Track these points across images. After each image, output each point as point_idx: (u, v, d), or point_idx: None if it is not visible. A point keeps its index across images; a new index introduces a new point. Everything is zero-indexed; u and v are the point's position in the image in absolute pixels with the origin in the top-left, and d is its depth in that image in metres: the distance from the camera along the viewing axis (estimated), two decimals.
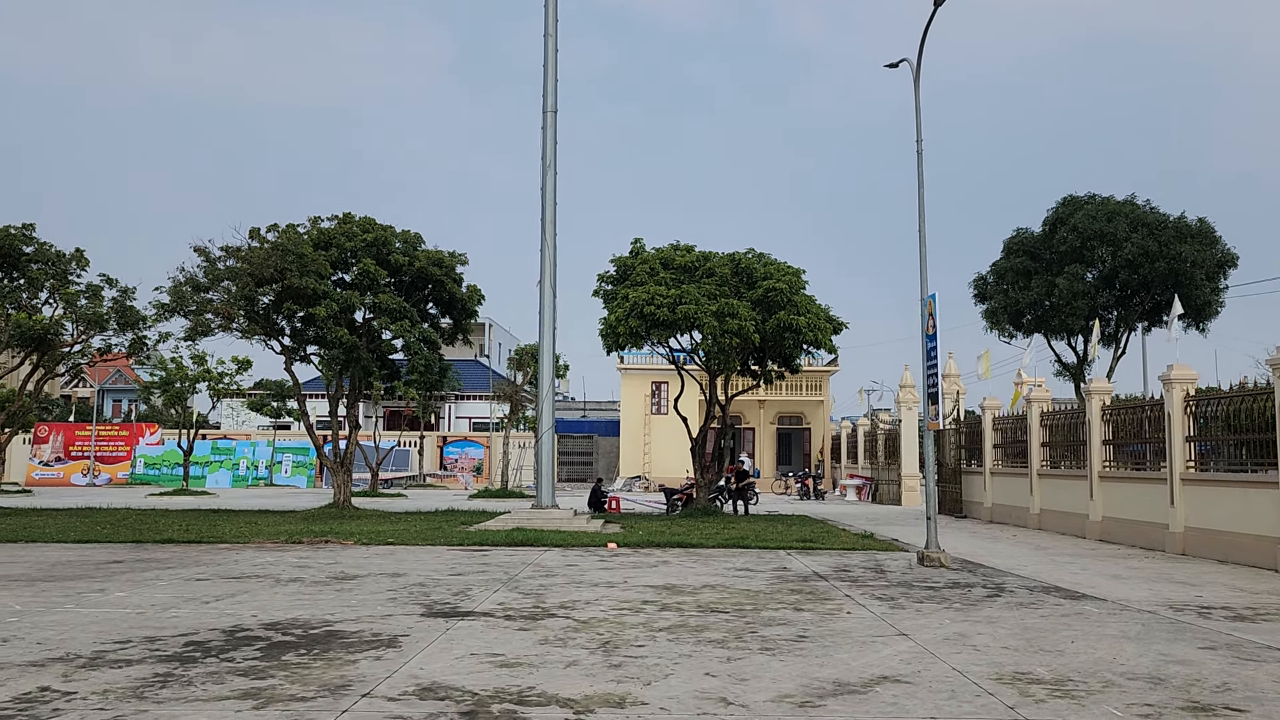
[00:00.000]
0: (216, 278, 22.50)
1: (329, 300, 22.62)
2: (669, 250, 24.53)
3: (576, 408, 62.64)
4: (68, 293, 23.99)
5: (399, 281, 24.81)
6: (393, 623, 8.87)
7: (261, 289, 22.55)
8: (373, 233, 24.32)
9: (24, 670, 6.83)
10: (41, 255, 23.95)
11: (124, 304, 24.39)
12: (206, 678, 6.65)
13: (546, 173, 21.57)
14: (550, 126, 21.69)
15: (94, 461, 45.10)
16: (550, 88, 21.82)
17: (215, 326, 22.97)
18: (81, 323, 24.31)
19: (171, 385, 37.56)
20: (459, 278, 25.79)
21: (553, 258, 21.36)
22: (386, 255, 24.24)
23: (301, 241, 23.25)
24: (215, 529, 18.47)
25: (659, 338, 23.94)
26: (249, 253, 22.51)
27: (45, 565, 13.13)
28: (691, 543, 16.66)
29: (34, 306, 24.08)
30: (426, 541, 16.63)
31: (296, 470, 44.78)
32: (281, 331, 24.18)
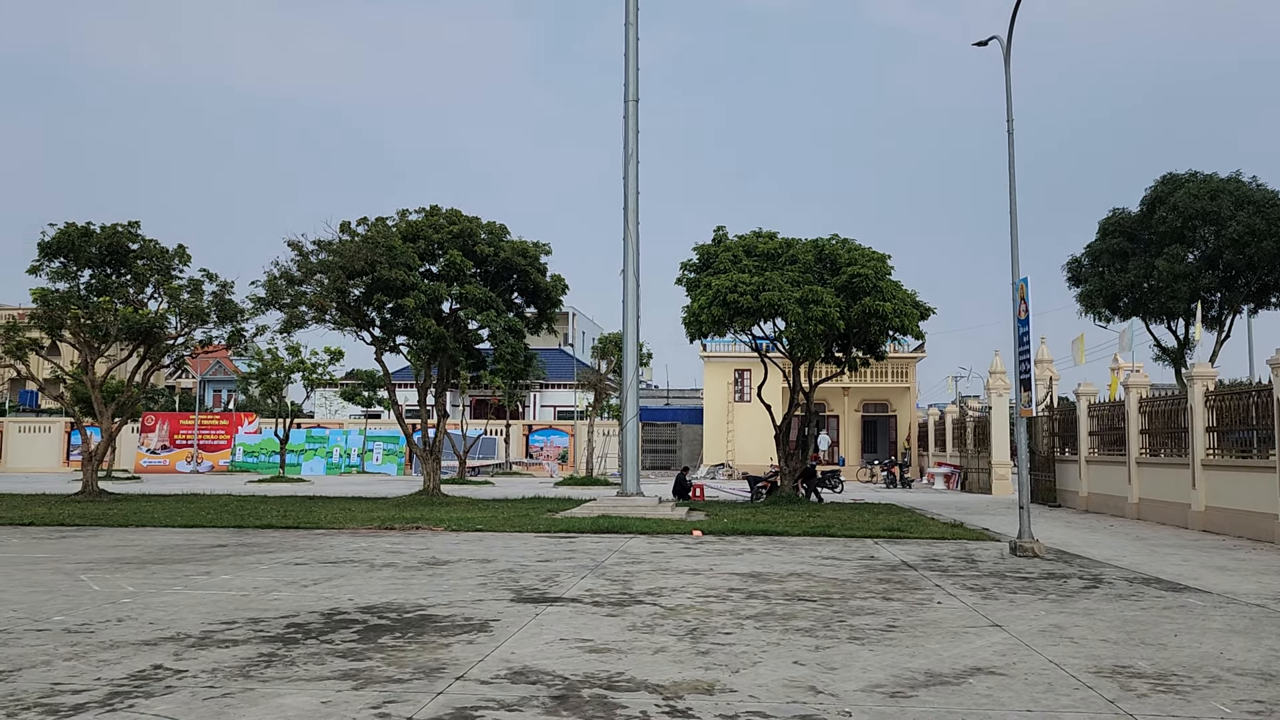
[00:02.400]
0: (310, 271, 23.15)
1: (417, 291, 23.08)
2: (751, 237, 24.38)
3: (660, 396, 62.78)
4: (171, 288, 24.93)
5: (485, 272, 25.17)
6: (484, 608, 9.04)
7: (352, 281, 23.12)
8: (459, 224, 24.72)
9: (138, 649, 7.16)
10: (147, 252, 24.93)
11: (223, 298, 25.25)
12: (308, 658, 6.88)
13: (629, 162, 21.62)
14: (632, 115, 21.72)
15: (197, 449, 46.86)
16: (631, 77, 21.84)
17: (309, 318, 23.65)
18: (184, 316, 25.25)
19: (268, 376, 38.76)
20: (543, 267, 26.05)
21: (635, 247, 21.42)
22: (472, 246, 24.61)
23: (390, 234, 23.75)
24: (311, 515, 19.04)
25: (742, 325, 23.83)
26: (340, 246, 23.10)
27: (155, 549, 13.71)
28: (776, 530, 16.59)
29: (140, 301, 25.08)
30: (514, 528, 16.88)
31: (387, 458, 45.85)
32: (372, 322, 24.77)
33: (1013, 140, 14.82)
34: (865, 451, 45.91)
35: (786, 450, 25.12)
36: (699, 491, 25.34)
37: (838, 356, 25.47)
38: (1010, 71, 14.91)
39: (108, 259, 24.67)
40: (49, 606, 8.90)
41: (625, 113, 21.77)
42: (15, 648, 7.15)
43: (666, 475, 41.16)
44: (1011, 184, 14.67)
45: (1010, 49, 14.92)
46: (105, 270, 24.80)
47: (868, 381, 44.03)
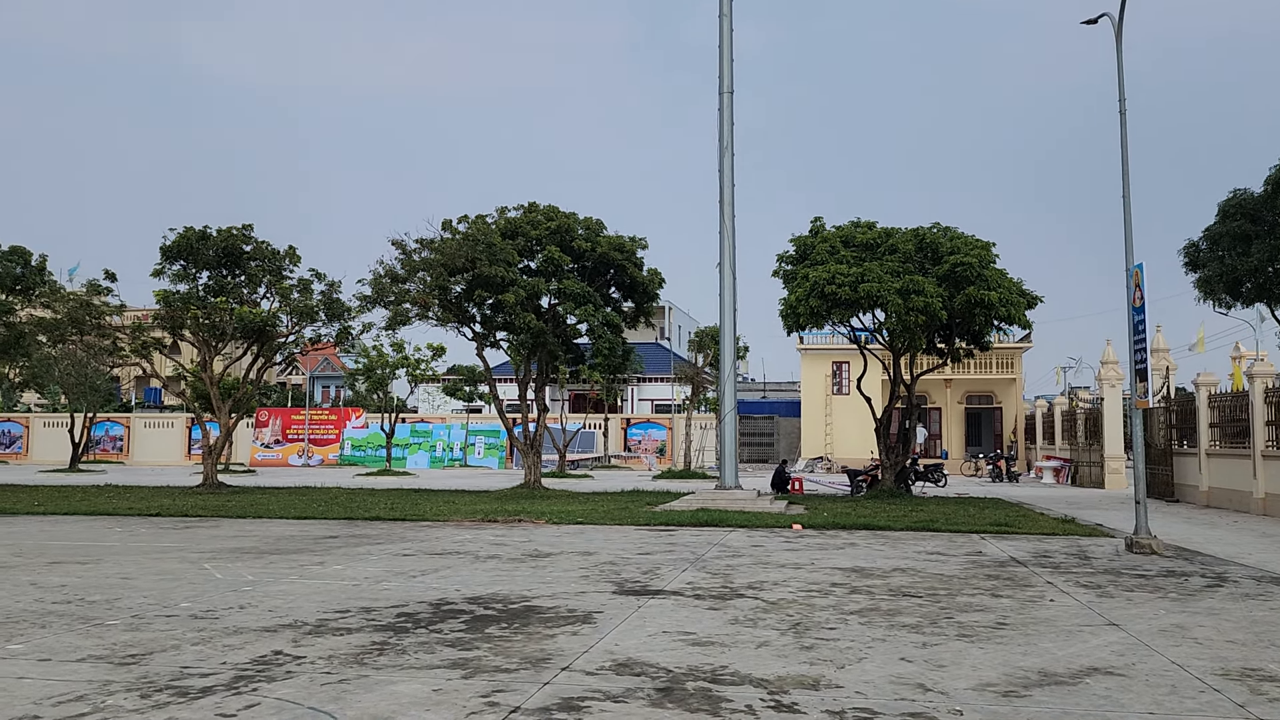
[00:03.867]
0: (413, 269, 23.72)
1: (517, 287, 23.43)
2: (849, 228, 24.02)
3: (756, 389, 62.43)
4: (282, 287, 25.85)
5: (582, 267, 25.41)
6: (586, 599, 9.14)
7: (454, 278, 23.60)
8: (556, 220, 25.00)
9: (259, 635, 7.46)
10: (259, 253, 25.90)
11: (331, 296, 26.07)
12: (418, 647, 7.06)
13: (724, 154, 21.52)
14: (726, 107, 21.62)
15: (308, 444, 48.52)
16: (725, 68, 21.73)
17: (413, 315, 24.23)
18: (295, 315, 26.15)
19: (373, 372, 39.88)
20: (640, 262, 26.16)
21: (731, 239, 21.33)
22: (570, 242, 24.86)
23: (490, 231, 24.16)
24: (417, 507, 19.53)
25: (840, 317, 23.51)
26: (442, 244, 23.60)
27: (271, 539, 14.26)
28: (878, 525, 16.34)
29: (254, 301, 26.08)
30: (614, 521, 17.01)
31: (489, 452, 46.70)
32: (473, 319, 25.25)
33: (1125, 122, 14.25)
34: (969, 445, 44.83)
35: (887, 443, 24.71)
36: (798, 485, 25.13)
37: (940, 347, 24.92)
38: (1122, 49, 14.34)
39: (224, 261, 25.71)
40: (176, 593, 9.34)
41: (720, 105, 21.67)
42: (146, 632, 7.52)
43: (764, 468, 40.94)
44: (1124, 167, 14.11)
45: (1122, 26, 14.35)
46: (221, 271, 25.85)
47: (971, 373, 42.97)
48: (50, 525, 16.38)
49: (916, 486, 25.91)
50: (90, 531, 15.36)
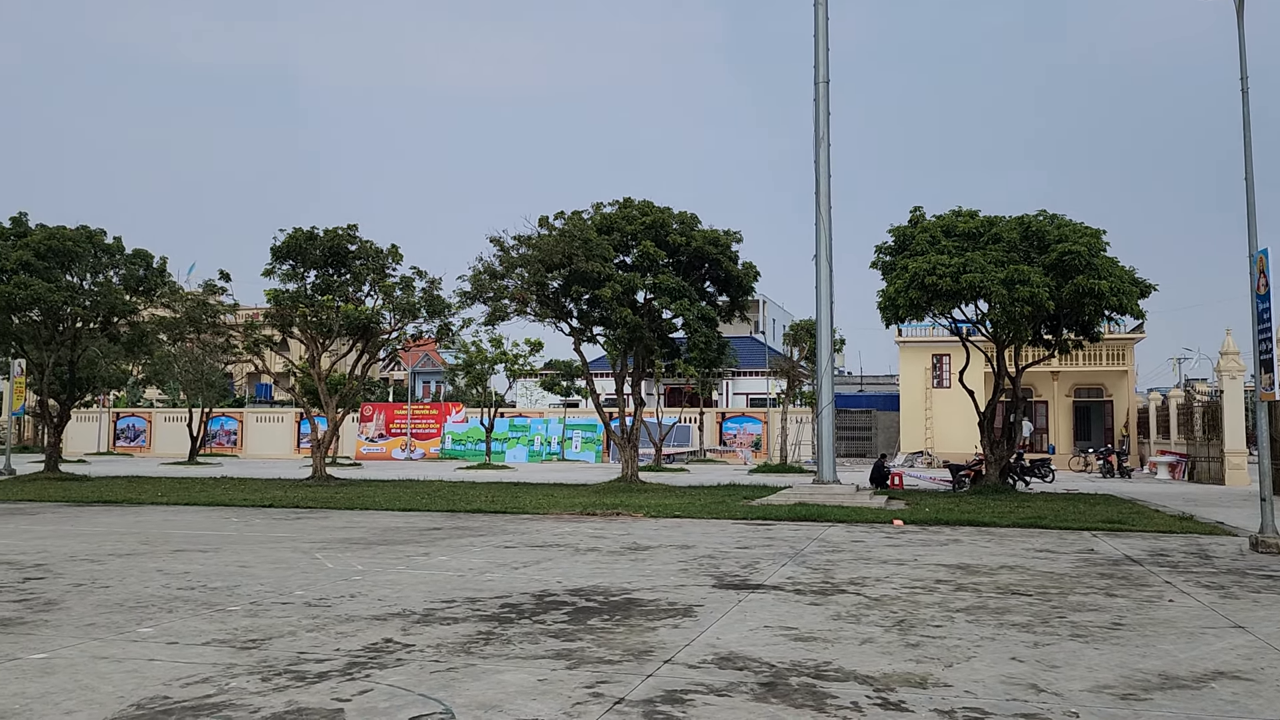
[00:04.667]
0: (511, 265, 24.08)
1: (613, 282, 23.57)
2: (950, 217, 23.47)
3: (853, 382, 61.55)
4: (385, 285, 26.54)
5: (677, 261, 25.41)
6: (686, 593, 9.16)
7: (551, 274, 23.88)
8: (651, 215, 25.06)
9: (370, 623, 7.68)
10: (363, 252, 26.64)
11: (432, 294, 26.66)
12: (523, 638, 7.18)
13: (819, 145, 21.27)
14: (822, 98, 21.35)
15: (410, 438, 49.74)
16: (821, 58, 21.46)
17: (511, 311, 24.61)
18: (397, 312, 26.83)
19: (473, 367, 40.63)
20: (735, 255, 26.04)
21: (828, 231, 21.07)
22: (665, 236, 24.90)
23: (586, 227, 24.36)
24: (517, 501, 19.84)
25: (941, 309, 23.00)
26: (539, 240, 23.90)
27: (378, 530, 14.67)
28: (983, 521, 15.96)
29: (358, 299, 26.84)
30: (711, 515, 17.00)
31: (585, 446, 47.13)
32: (570, 314, 25.50)
33: (1247, 100, 13.58)
34: (1077, 439, 43.39)
35: (991, 438, 24.09)
36: (898, 480, 24.70)
37: (1046, 339, 24.18)
38: (1244, 21, 13.65)
39: (330, 260, 26.52)
40: (291, 582, 9.69)
41: (815, 95, 21.42)
42: (265, 618, 7.82)
43: (862, 463, 40.35)
44: (1246, 148, 13.45)
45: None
46: (328, 270, 26.68)
47: (1080, 365, 41.55)
48: (173, 515, 17.17)
49: (1022, 482, 25.19)
50: (209, 521, 16.05)
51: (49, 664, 6.30)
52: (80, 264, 27.87)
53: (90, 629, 7.39)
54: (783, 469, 35.57)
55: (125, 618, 7.83)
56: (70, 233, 27.77)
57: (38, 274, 26.41)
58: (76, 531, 14.38)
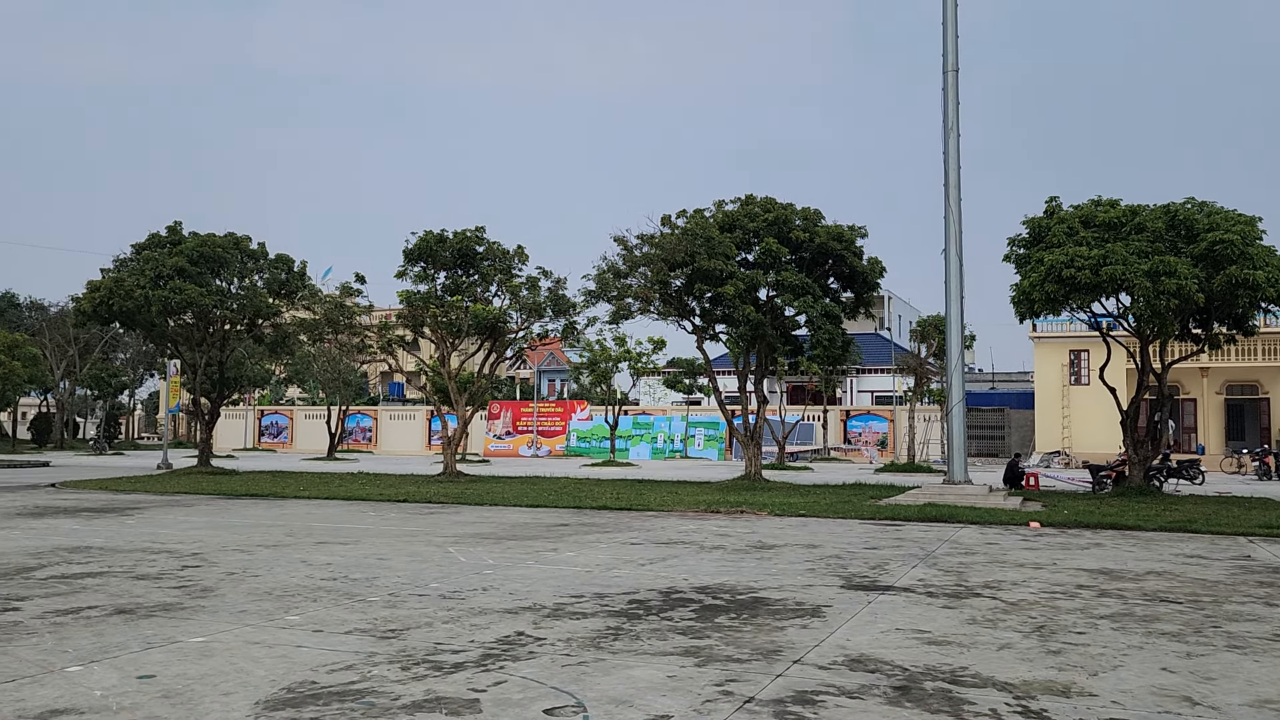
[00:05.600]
0: (634, 264, 24.27)
1: (735, 280, 23.50)
2: (1089, 207, 22.47)
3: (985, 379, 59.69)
4: (512, 285, 27.12)
5: (800, 258, 25.15)
6: (814, 593, 9.05)
7: (674, 272, 23.96)
8: (773, 212, 24.87)
9: (502, 616, 7.86)
10: (490, 254, 27.29)
11: (557, 293, 27.11)
12: (650, 634, 7.22)
13: (948, 135, 20.70)
14: (951, 87, 20.76)
15: (536, 435, 50.69)
16: (950, 46, 20.87)
17: (634, 309, 24.82)
18: (524, 311, 27.39)
19: (597, 365, 41.13)
20: (859, 251, 25.61)
21: (957, 224, 20.49)
22: (787, 233, 24.67)
23: (708, 225, 24.35)
24: (641, 497, 19.98)
25: (1079, 303, 22.06)
26: (662, 239, 24.01)
27: (507, 526, 15.00)
28: (1127, 524, 15.24)
29: (486, 299, 27.51)
30: (837, 514, 16.76)
31: (708, 443, 47.13)
32: (692, 312, 25.54)
33: None
34: (1229, 439, 41.00)
35: (1134, 437, 22.98)
36: (1033, 480, 23.84)
37: (1195, 333, 22.93)
38: None
39: (459, 261, 27.27)
40: (426, 574, 10.00)
41: (944, 84, 20.85)
42: (402, 609, 8.10)
43: (993, 463, 39.07)
44: None
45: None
46: (457, 271, 27.44)
47: (1232, 360, 39.28)
48: (314, 509, 17.95)
49: (1169, 484, 23.96)
50: (348, 515, 16.71)
51: (207, 647, 6.67)
52: (228, 269, 29.45)
53: (243, 615, 7.79)
54: (910, 468, 34.77)
55: (274, 605, 8.22)
56: (219, 239, 29.37)
57: (191, 279, 28.03)
58: (227, 523, 15.18)
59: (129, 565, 10.46)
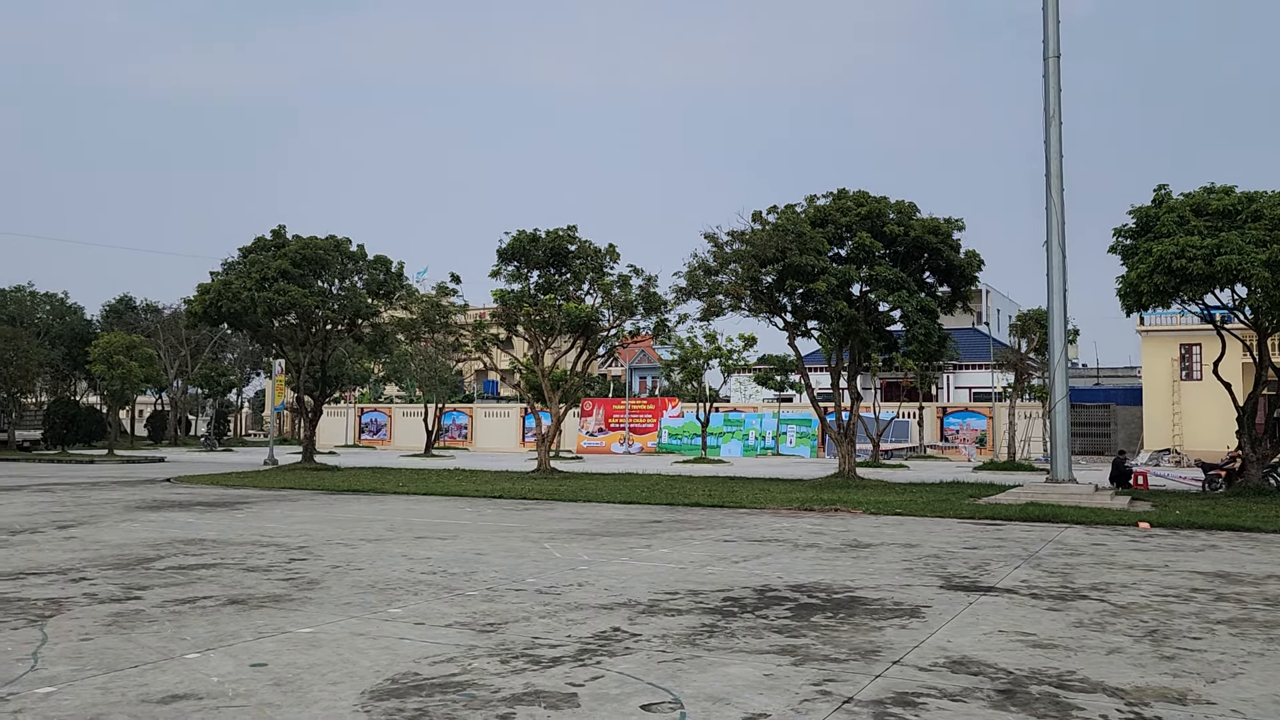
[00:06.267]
0: (725, 261, 24.17)
1: (827, 275, 23.22)
2: (1201, 195, 21.52)
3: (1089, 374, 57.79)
4: (604, 283, 27.30)
5: (894, 252, 24.72)
6: (912, 593, 8.89)
7: (765, 269, 23.78)
8: (866, 206, 24.48)
9: (598, 611, 7.93)
10: (582, 252, 27.51)
11: (648, 291, 27.18)
12: (746, 631, 7.19)
13: (1050, 124, 20.07)
14: (1053, 73, 20.12)
15: (628, 432, 50.94)
16: (1051, 31, 20.23)
17: (725, 306, 24.71)
18: (615, 309, 27.55)
19: (688, 363, 41.13)
20: (956, 244, 25.05)
21: (1060, 215, 19.86)
22: (881, 227, 24.27)
23: (799, 220, 24.11)
24: (733, 495, 19.90)
25: (1191, 295, 21.18)
26: (752, 235, 23.86)
27: (601, 522, 15.12)
28: (1245, 526, 14.57)
29: (578, 297, 27.75)
30: (934, 513, 16.42)
31: (800, 440, 46.71)
32: (783, 308, 25.32)
33: None
34: None
35: (1252, 435, 21.95)
36: (1141, 479, 22.97)
37: None
38: None
39: (551, 260, 27.57)
40: (522, 569, 10.15)
41: (1045, 70, 20.22)
42: (500, 603, 8.23)
43: (1098, 461, 37.78)
44: None
45: None
46: (550, 270, 27.74)
47: None
48: (413, 504, 18.37)
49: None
50: (446, 510, 17.06)
51: (315, 638, 6.89)
52: (329, 271, 30.35)
53: (347, 607, 8.03)
54: (1011, 466, 33.88)
55: (377, 598, 8.44)
56: (321, 242, 30.28)
57: (294, 281, 28.98)
58: (331, 517, 15.65)
59: (240, 558, 10.87)
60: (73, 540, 12.39)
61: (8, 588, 8.85)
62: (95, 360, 41.78)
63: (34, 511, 16.34)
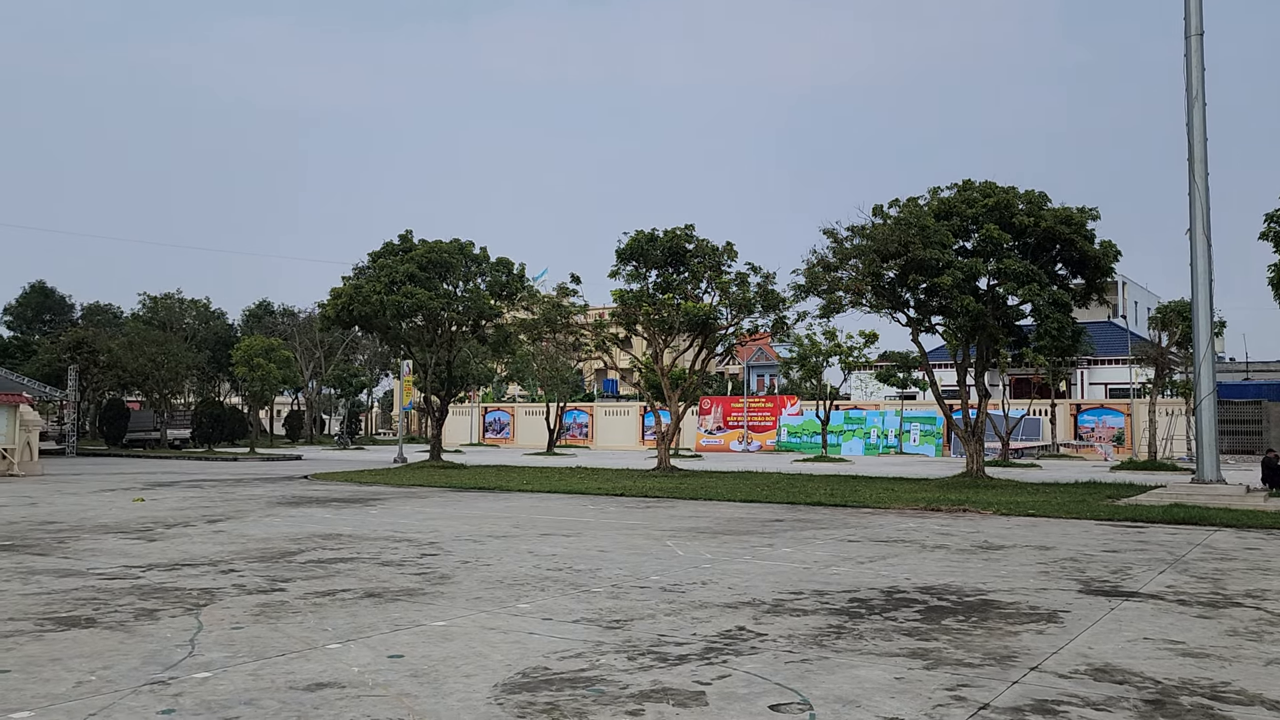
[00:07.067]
0: (845, 257, 23.77)
1: (953, 269, 22.58)
2: None
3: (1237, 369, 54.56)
4: (721, 282, 27.23)
5: (1023, 244, 23.85)
6: (1048, 596, 8.58)
7: (886, 264, 23.29)
8: (993, 197, 23.70)
9: (722, 610, 7.91)
10: (700, 251, 27.51)
11: (766, 288, 26.98)
12: (874, 633, 7.07)
13: (1193, 106, 19.06)
14: (1195, 52, 19.11)
15: (747, 430, 50.69)
16: (1193, 7, 19.22)
17: (845, 303, 24.30)
18: (733, 307, 27.44)
19: (807, 360, 40.62)
20: (1090, 234, 24.00)
21: (1204, 201, 18.84)
22: (1010, 218, 23.46)
23: (922, 214, 23.53)
24: (856, 494, 19.57)
25: None
26: (873, 230, 23.40)
27: (722, 520, 15.09)
28: None
29: (696, 296, 27.75)
30: (1069, 514, 15.80)
31: (924, 439, 45.59)
32: (906, 304, 24.74)
33: None
34: None
35: None
36: None
37: None
38: None
39: (669, 260, 27.65)
40: (646, 567, 10.21)
41: (1186, 50, 19.22)
42: (625, 600, 8.30)
43: (1247, 460, 35.62)
44: None
45: None
46: (668, 269, 27.83)
47: None
48: (537, 501, 18.70)
49: None
50: (569, 508, 17.31)
51: (447, 631, 7.09)
52: (454, 273, 31.17)
53: (477, 602, 8.23)
54: (1152, 466, 32.27)
55: (505, 593, 8.63)
56: (445, 245, 31.12)
57: (420, 284, 29.88)
58: (458, 514, 16.08)
59: (374, 552, 11.27)
60: (221, 534, 13.07)
61: (166, 578, 9.41)
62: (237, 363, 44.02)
63: (185, 506, 17.31)
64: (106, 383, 50.07)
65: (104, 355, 46.65)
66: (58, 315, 65.59)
